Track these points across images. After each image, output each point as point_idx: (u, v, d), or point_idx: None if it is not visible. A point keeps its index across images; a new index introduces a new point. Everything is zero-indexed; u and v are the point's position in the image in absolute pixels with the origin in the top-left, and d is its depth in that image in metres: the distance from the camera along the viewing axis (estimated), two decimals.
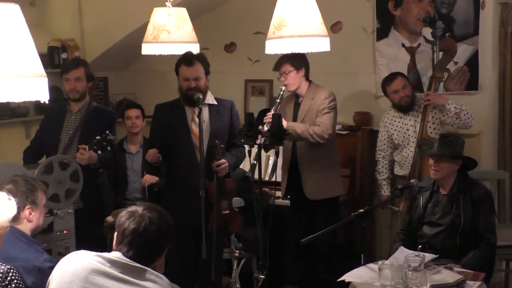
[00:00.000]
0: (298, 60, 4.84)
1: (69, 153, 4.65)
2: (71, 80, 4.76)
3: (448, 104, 4.95)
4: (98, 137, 4.53)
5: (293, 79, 4.87)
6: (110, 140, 4.58)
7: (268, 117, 4.45)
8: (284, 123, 4.71)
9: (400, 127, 5.21)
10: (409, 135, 5.16)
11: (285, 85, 4.86)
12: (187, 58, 4.34)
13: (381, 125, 5.42)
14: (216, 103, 4.52)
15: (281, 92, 4.80)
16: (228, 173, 4.45)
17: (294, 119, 4.92)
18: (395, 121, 5.27)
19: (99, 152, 4.55)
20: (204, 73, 4.38)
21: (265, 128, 4.25)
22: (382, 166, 5.42)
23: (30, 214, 3.21)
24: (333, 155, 5.03)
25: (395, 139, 5.26)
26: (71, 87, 4.78)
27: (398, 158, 5.28)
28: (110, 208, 5.18)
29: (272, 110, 4.65)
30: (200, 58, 4.40)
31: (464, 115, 4.93)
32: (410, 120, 5.17)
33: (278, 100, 4.74)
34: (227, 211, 4.43)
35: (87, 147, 4.47)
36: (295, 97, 5.02)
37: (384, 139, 5.37)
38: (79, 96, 4.83)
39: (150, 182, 5.57)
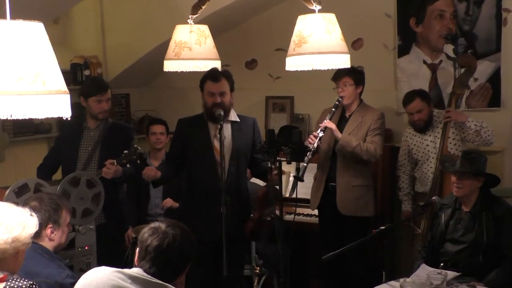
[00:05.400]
0: (359, 77, 4.94)
1: (88, 169, 4.67)
2: (104, 101, 4.75)
3: (468, 121, 4.90)
4: (126, 151, 4.56)
5: (350, 93, 4.93)
6: (140, 153, 4.61)
7: (323, 126, 4.74)
8: (339, 134, 4.75)
9: (420, 143, 5.19)
10: (428, 150, 5.12)
11: (341, 97, 4.92)
12: (213, 74, 4.36)
13: (402, 140, 5.40)
14: (238, 120, 4.54)
15: (338, 103, 4.90)
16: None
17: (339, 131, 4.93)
18: (414, 135, 5.24)
19: (128, 165, 4.58)
20: (229, 90, 4.41)
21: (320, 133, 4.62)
22: (403, 182, 5.38)
23: (52, 233, 3.22)
24: (369, 175, 5.05)
25: (414, 154, 5.23)
26: (104, 108, 4.76)
27: (418, 174, 5.24)
28: (130, 223, 5.21)
29: (327, 118, 4.80)
30: (226, 74, 4.42)
31: (485, 132, 4.88)
32: (430, 136, 5.14)
33: (334, 109, 4.88)
34: (269, 218, 4.41)
35: (115, 161, 4.50)
36: (341, 110, 5.05)
37: (405, 154, 5.35)
38: (107, 115, 4.86)
39: (169, 205, 5.62)
